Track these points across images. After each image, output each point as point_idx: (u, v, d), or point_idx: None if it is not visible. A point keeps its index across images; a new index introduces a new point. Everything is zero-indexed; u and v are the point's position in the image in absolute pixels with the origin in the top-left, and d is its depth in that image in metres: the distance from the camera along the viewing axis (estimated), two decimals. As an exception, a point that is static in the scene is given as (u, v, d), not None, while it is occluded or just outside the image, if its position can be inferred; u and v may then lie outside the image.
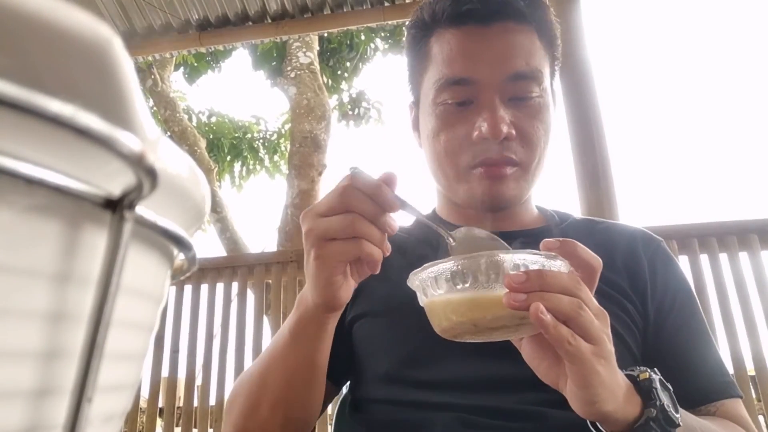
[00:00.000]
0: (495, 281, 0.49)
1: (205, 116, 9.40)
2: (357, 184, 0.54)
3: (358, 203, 0.53)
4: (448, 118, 0.75)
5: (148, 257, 0.19)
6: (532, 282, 0.47)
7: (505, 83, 0.72)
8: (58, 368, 0.15)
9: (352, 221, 0.53)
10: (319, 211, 0.55)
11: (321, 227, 0.55)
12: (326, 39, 7.23)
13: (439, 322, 0.53)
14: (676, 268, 0.82)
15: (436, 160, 0.78)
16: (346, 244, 0.54)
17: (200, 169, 0.21)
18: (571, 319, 0.47)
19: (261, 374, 0.69)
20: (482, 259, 0.49)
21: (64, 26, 0.13)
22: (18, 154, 0.13)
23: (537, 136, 0.74)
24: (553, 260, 0.51)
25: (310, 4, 2.90)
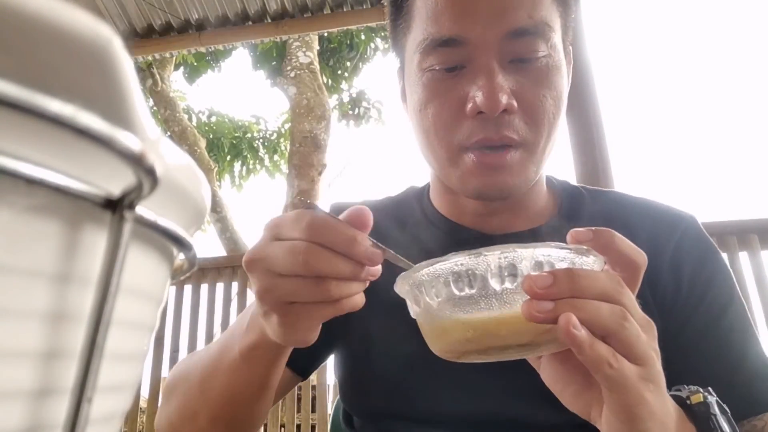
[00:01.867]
0: (511, 285, 0.38)
1: (205, 116, 9.40)
2: (323, 239, 0.40)
3: (329, 268, 0.40)
4: (436, 86, 0.61)
5: (148, 257, 0.19)
6: (561, 285, 0.36)
7: (504, 41, 0.58)
8: (58, 368, 0.15)
9: (326, 290, 0.41)
10: (277, 269, 0.42)
11: (282, 291, 0.42)
12: (326, 39, 7.23)
13: (437, 340, 0.41)
14: (708, 253, 0.67)
15: (425, 137, 0.64)
16: (321, 307, 0.43)
17: (200, 169, 0.21)
18: (613, 333, 0.36)
19: (201, 384, 0.60)
20: (493, 256, 0.37)
21: (64, 26, 0.13)
22: (18, 154, 0.13)
23: (544, 108, 0.60)
24: (584, 256, 0.39)
25: (310, 4, 2.90)
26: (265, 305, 0.44)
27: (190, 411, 0.60)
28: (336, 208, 0.75)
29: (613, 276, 0.39)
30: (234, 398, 0.57)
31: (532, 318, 0.35)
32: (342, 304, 0.43)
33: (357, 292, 0.44)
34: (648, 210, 0.70)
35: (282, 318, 0.44)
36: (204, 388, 0.59)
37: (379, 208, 0.73)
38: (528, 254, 0.38)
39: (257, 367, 0.54)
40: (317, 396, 2.56)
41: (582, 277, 0.37)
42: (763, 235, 1.98)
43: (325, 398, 2.55)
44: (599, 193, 0.74)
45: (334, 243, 0.40)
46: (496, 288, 0.38)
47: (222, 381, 0.57)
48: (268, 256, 0.43)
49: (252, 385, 0.56)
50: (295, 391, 2.66)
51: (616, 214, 0.69)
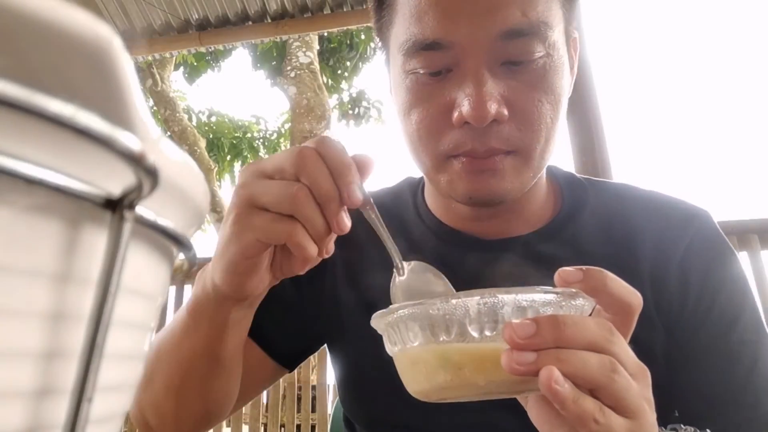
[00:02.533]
0: (491, 333, 0.35)
1: (205, 116, 9.41)
2: (322, 151, 0.41)
3: (312, 174, 0.40)
4: (420, 91, 0.57)
5: (148, 257, 0.19)
6: (545, 334, 0.33)
7: (496, 44, 0.53)
8: (58, 368, 0.15)
9: (294, 194, 0.40)
10: (263, 168, 0.42)
11: (255, 188, 0.42)
12: (326, 38, 7.24)
13: (412, 382, 0.39)
14: (720, 257, 0.61)
15: (410, 143, 0.60)
16: (277, 220, 0.41)
17: (200, 169, 0.21)
18: (602, 387, 0.34)
19: (158, 347, 0.57)
20: (473, 301, 0.35)
21: (64, 26, 0.13)
22: (18, 154, 0.13)
23: (540, 113, 0.55)
24: (573, 300, 0.37)
25: (310, 4, 2.90)
26: (233, 201, 0.43)
27: (147, 378, 0.58)
28: None
29: (603, 323, 0.36)
30: (182, 365, 0.55)
31: (512, 371, 0.33)
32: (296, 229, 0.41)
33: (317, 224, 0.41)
34: (657, 206, 0.65)
35: (237, 217, 0.42)
36: (159, 352, 0.57)
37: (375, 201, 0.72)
38: (510, 299, 0.35)
39: (201, 326, 0.52)
40: (317, 396, 2.55)
41: (568, 325, 0.34)
42: (763, 235, 1.98)
43: (325, 398, 2.55)
44: (604, 186, 0.69)
45: (331, 157, 0.41)
46: (474, 335, 0.35)
47: (172, 343, 0.55)
48: (265, 159, 0.44)
49: (198, 352, 0.53)
50: (295, 391, 2.66)
51: (621, 211, 0.64)
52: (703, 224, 0.62)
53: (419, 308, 0.37)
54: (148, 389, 0.58)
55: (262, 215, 0.41)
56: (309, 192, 0.40)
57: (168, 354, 0.56)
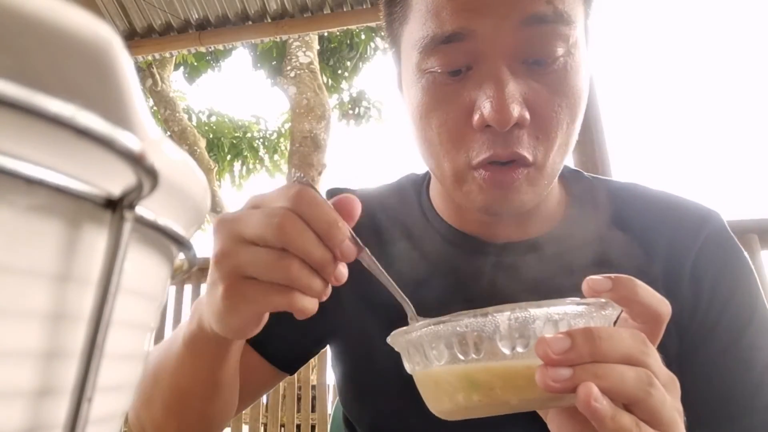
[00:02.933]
0: (523, 349, 0.34)
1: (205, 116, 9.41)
2: (304, 212, 0.37)
3: (301, 243, 0.37)
4: (438, 92, 0.55)
5: (148, 257, 0.19)
6: (580, 349, 0.32)
7: (518, 33, 0.51)
8: (58, 368, 0.15)
9: (287, 267, 0.37)
10: (242, 232, 0.39)
11: (240, 258, 0.39)
12: (326, 38, 7.24)
13: (436, 402, 0.38)
14: (731, 260, 0.60)
15: (428, 149, 0.58)
16: (272, 292, 0.39)
17: (200, 169, 0.21)
18: (639, 401, 0.32)
19: (155, 370, 0.56)
20: (503, 317, 0.34)
21: (64, 26, 0.13)
22: (18, 154, 0.13)
23: (558, 120, 0.53)
24: (602, 310, 0.35)
25: (310, 4, 2.90)
26: (218, 271, 0.40)
27: (146, 396, 0.57)
28: (332, 194, 0.71)
29: (636, 335, 0.34)
30: (182, 391, 0.54)
31: (548, 388, 0.31)
32: (294, 298, 0.39)
33: (317, 290, 0.39)
34: (669, 206, 0.63)
35: (228, 291, 0.40)
36: (157, 375, 0.56)
37: (376, 198, 0.70)
38: (542, 314, 0.33)
39: (200, 359, 0.50)
40: (317, 396, 2.56)
41: (603, 338, 0.32)
42: (763, 235, 1.98)
43: (325, 398, 2.55)
44: (613, 185, 0.68)
45: (315, 219, 0.37)
46: (506, 352, 0.34)
47: (170, 371, 0.54)
48: (240, 218, 0.39)
49: (198, 380, 0.52)
50: (295, 391, 2.66)
51: (632, 214, 0.63)
52: (715, 227, 0.61)
53: (445, 326, 0.35)
54: (148, 408, 0.58)
55: (256, 286, 0.39)
56: (301, 261, 0.38)
57: (166, 380, 0.55)
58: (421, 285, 0.62)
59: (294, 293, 0.39)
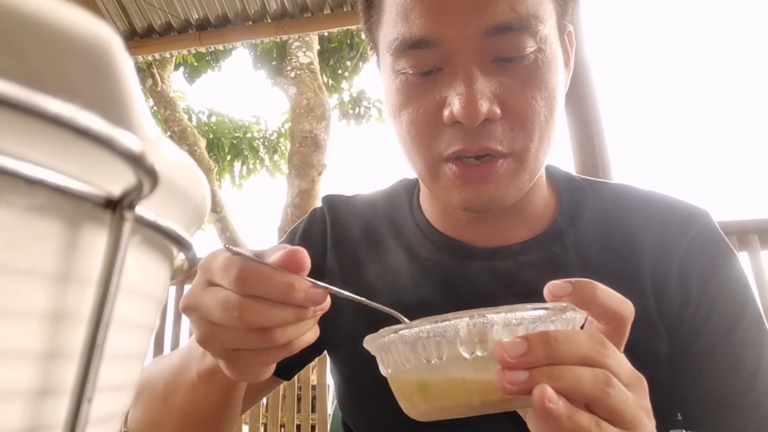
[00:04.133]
0: (482, 353, 0.35)
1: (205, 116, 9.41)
2: (256, 292, 0.37)
3: (268, 318, 0.37)
4: (410, 91, 0.56)
5: (148, 257, 0.19)
6: (536, 352, 0.33)
7: (485, 40, 0.51)
8: (58, 368, 0.15)
9: (272, 338, 0.38)
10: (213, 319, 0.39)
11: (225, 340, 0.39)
12: (326, 38, 7.23)
13: (407, 404, 0.40)
14: (720, 257, 0.60)
15: (403, 146, 0.59)
16: (269, 353, 0.40)
17: (200, 169, 0.21)
18: (597, 401, 0.33)
19: (164, 396, 0.57)
20: (462, 322, 0.35)
21: (64, 26, 0.13)
22: (18, 154, 0.13)
23: (533, 111, 0.53)
24: (562, 314, 0.36)
25: (310, 4, 2.90)
26: (210, 352, 0.42)
27: (154, 420, 0.58)
28: (329, 203, 0.73)
29: (594, 336, 0.35)
30: (194, 415, 0.55)
31: (505, 391, 0.33)
32: (293, 346, 0.40)
33: (308, 329, 0.40)
34: (656, 206, 0.64)
35: (230, 365, 0.41)
36: (166, 401, 0.57)
37: (371, 205, 0.71)
38: (500, 318, 0.35)
39: (215, 389, 0.52)
40: (317, 396, 2.55)
41: (559, 340, 0.33)
42: (763, 235, 1.98)
43: (325, 398, 2.55)
44: (603, 187, 0.68)
45: (270, 293, 0.37)
46: (465, 356, 0.35)
47: (182, 397, 0.55)
48: (203, 305, 0.39)
49: (212, 405, 0.54)
50: (295, 391, 2.66)
51: (620, 213, 0.64)
52: (702, 225, 0.62)
53: (410, 331, 0.36)
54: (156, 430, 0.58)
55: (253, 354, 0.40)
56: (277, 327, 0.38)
57: (177, 405, 0.56)
58: (412, 289, 0.63)
59: (291, 344, 0.39)
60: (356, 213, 0.71)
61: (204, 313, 0.39)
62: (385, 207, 0.71)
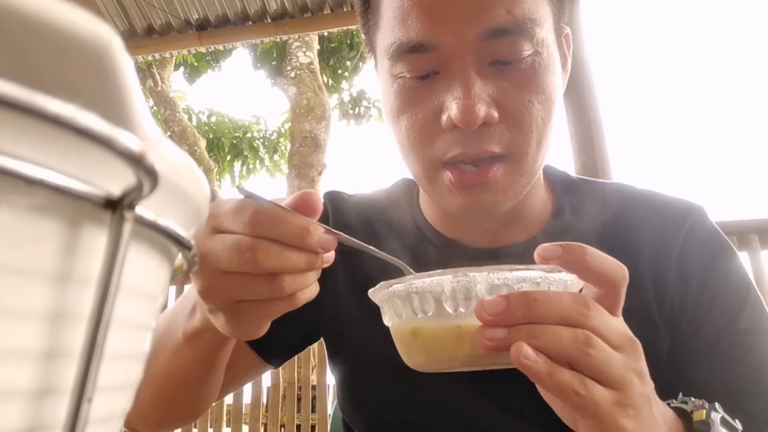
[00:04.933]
0: (465, 309, 0.37)
1: (205, 116, 9.40)
2: (270, 233, 0.36)
3: (281, 261, 0.37)
4: (408, 95, 0.56)
5: (148, 257, 0.19)
6: (514, 311, 0.34)
7: (481, 44, 0.52)
8: (58, 368, 0.15)
9: (280, 285, 0.37)
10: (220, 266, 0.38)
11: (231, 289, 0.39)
12: (326, 38, 7.23)
13: (404, 355, 0.42)
14: (718, 250, 0.61)
15: (401, 150, 0.60)
16: (272, 304, 0.39)
17: (200, 169, 0.21)
18: (577, 360, 0.34)
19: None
20: (446, 279, 0.37)
21: (64, 26, 0.13)
22: (18, 154, 0.13)
23: (531, 114, 0.53)
24: (549, 275, 0.37)
25: (310, 4, 2.90)
26: (210, 304, 0.41)
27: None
28: (330, 198, 0.73)
29: (578, 297, 0.36)
30: (176, 380, 0.54)
31: (484, 346, 0.34)
32: (297, 298, 0.39)
33: (312, 282, 0.40)
34: (652, 204, 0.65)
35: (230, 317, 0.41)
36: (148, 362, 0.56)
37: (371, 204, 0.72)
38: (482, 278, 0.36)
39: (202, 350, 0.51)
40: (317, 396, 2.55)
41: (539, 300, 0.34)
42: (763, 235, 1.98)
43: (325, 398, 2.55)
44: (599, 186, 0.69)
45: (284, 235, 0.36)
46: (449, 311, 0.37)
47: (164, 359, 0.54)
48: (209, 252, 0.38)
49: (195, 368, 0.53)
50: (295, 391, 2.66)
51: (618, 212, 0.64)
52: (697, 220, 0.62)
53: (401, 286, 0.39)
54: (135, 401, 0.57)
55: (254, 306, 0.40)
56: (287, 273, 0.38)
57: (158, 369, 0.54)
58: None
59: (295, 295, 0.39)
60: (357, 210, 0.71)
61: (210, 259, 0.38)
62: (386, 206, 0.72)
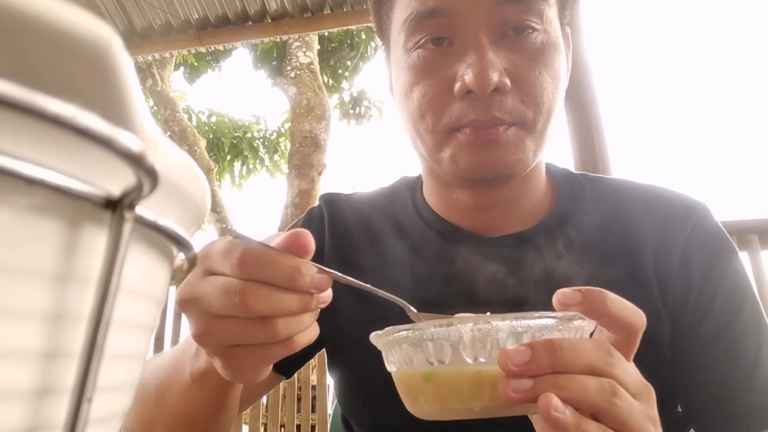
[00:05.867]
0: (486, 358, 0.35)
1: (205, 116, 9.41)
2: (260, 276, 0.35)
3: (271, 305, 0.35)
4: (422, 66, 0.58)
5: (148, 257, 0.19)
6: (541, 360, 0.32)
7: (494, 11, 0.55)
8: (58, 368, 0.15)
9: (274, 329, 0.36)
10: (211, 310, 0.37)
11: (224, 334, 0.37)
12: (326, 38, 7.23)
13: (410, 403, 0.39)
14: (720, 248, 0.61)
15: (411, 123, 0.60)
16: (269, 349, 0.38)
17: (200, 169, 0.21)
18: (603, 411, 0.33)
19: (157, 397, 0.56)
20: (466, 328, 0.35)
21: (64, 26, 0.13)
22: (18, 154, 0.13)
23: (541, 85, 0.56)
24: (570, 322, 0.36)
25: (310, 4, 2.90)
26: (206, 348, 0.40)
27: (147, 421, 0.57)
28: (326, 201, 0.72)
29: (601, 345, 0.35)
30: (188, 416, 0.54)
31: (508, 398, 0.32)
32: (294, 342, 0.38)
33: (310, 324, 0.39)
34: (656, 200, 0.65)
35: (226, 362, 0.39)
36: (159, 401, 0.55)
37: (370, 201, 0.72)
38: (505, 326, 0.34)
39: (210, 390, 0.50)
40: (317, 396, 2.56)
41: (565, 349, 0.33)
42: (763, 235, 1.98)
43: (325, 398, 2.55)
44: (601, 182, 0.69)
45: (274, 277, 0.35)
46: (469, 361, 0.35)
47: (175, 399, 0.53)
48: (201, 295, 0.37)
49: (206, 406, 0.52)
50: (295, 391, 2.66)
51: (620, 206, 0.64)
52: (701, 217, 0.63)
53: (413, 333, 0.36)
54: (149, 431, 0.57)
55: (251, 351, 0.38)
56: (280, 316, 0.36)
57: (171, 406, 0.54)
58: (420, 281, 0.63)
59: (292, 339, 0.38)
60: (355, 209, 0.71)
61: (202, 303, 0.37)
62: (385, 202, 0.72)
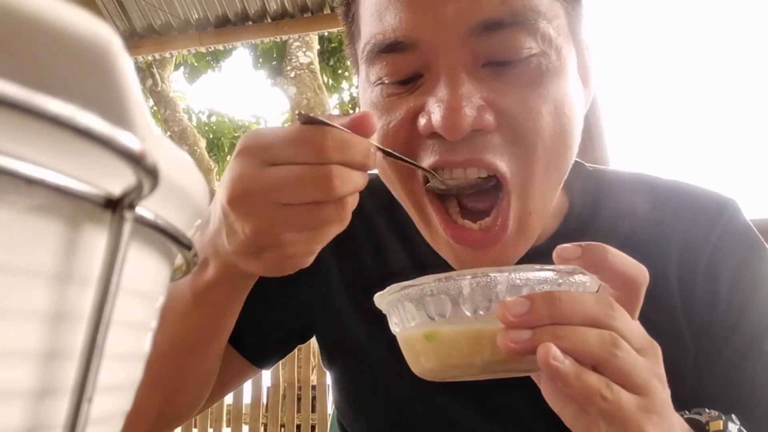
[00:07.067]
0: (485, 311, 0.34)
1: (205, 116, 9.41)
2: (344, 157, 0.36)
3: (353, 185, 0.36)
4: (385, 104, 0.47)
5: (148, 257, 0.19)
6: (540, 311, 0.31)
7: (472, 39, 0.43)
8: (58, 368, 0.15)
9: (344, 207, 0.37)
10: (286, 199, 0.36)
11: (297, 220, 0.36)
12: (326, 38, 7.23)
13: (413, 363, 0.39)
14: (751, 253, 0.54)
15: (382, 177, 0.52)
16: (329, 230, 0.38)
17: (200, 169, 0.21)
18: (604, 362, 0.32)
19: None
20: (465, 281, 0.34)
21: (64, 26, 0.13)
22: (18, 154, 0.13)
23: (538, 126, 0.44)
24: (570, 276, 0.35)
25: (310, 4, 2.90)
26: (268, 241, 0.38)
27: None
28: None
29: (602, 297, 0.34)
30: (180, 351, 0.49)
31: (508, 350, 0.31)
32: (347, 219, 0.38)
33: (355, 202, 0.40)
34: (680, 198, 0.57)
35: (281, 251, 0.38)
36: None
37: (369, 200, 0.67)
38: (503, 278, 0.34)
39: (211, 309, 0.46)
40: (317, 396, 2.56)
41: (564, 300, 0.32)
42: (763, 235, 1.98)
43: (325, 398, 2.55)
44: (619, 179, 0.60)
45: (353, 159, 0.36)
46: (468, 315, 0.35)
47: (167, 334, 0.47)
48: (268, 187, 0.36)
49: (199, 338, 0.48)
50: (295, 391, 2.66)
51: (640, 207, 0.56)
52: (732, 217, 0.55)
53: (414, 289, 0.36)
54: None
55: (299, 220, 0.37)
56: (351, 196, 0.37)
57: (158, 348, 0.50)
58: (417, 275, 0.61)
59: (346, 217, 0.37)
60: None
61: (270, 194, 0.36)
62: (387, 199, 0.70)
